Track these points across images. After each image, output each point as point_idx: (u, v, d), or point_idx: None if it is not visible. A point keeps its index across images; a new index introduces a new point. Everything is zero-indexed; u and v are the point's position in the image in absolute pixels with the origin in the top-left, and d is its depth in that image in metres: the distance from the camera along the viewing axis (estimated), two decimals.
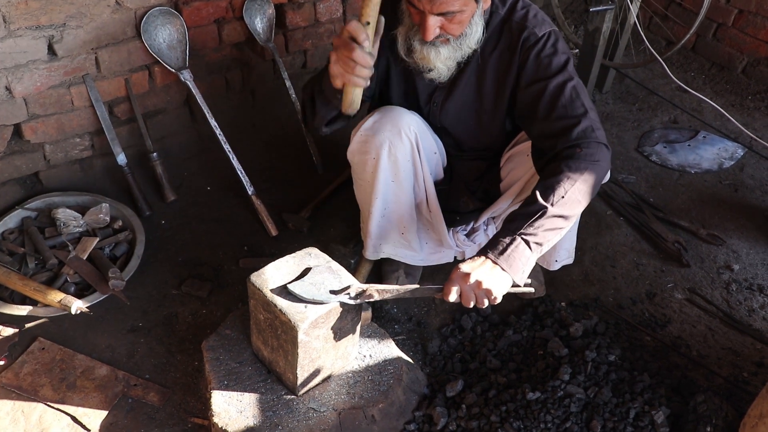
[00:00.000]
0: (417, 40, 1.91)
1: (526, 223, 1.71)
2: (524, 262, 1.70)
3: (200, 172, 3.02)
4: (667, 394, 2.04)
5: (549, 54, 1.93)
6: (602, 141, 1.84)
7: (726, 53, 3.81)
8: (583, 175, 1.76)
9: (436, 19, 1.81)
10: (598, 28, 3.32)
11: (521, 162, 2.13)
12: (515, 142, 2.21)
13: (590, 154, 1.80)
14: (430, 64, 1.94)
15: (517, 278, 1.70)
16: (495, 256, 1.69)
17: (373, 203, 2.15)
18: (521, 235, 1.70)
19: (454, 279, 1.69)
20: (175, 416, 2.06)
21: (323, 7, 3.11)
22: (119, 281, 2.32)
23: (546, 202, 1.71)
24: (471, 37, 1.91)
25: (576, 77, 1.93)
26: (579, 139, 1.82)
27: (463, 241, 2.35)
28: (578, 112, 1.86)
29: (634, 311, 2.44)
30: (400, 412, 1.99)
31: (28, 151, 2.63)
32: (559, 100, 1.88)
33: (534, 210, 1.72)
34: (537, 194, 1.74)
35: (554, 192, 1.73)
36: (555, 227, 1.74)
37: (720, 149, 3.29)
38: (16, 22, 2.32)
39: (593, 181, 1.79)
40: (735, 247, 2.73)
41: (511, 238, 1.70)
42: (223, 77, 3.02)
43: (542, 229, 1.71)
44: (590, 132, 1.83)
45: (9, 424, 2.00)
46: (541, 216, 1.71)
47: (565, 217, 1.74)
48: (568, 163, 1.77)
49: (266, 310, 1.81)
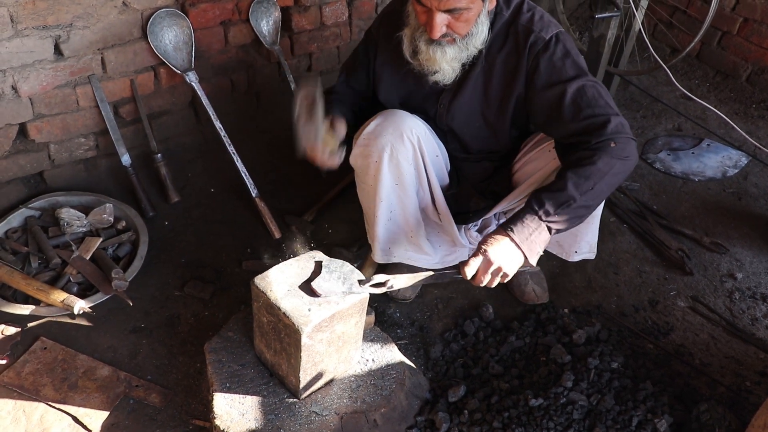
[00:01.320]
0: (423, 40, 1.92)
1: (553, 210, 1.77)
2: (542, 245, 1.81)
3: (204, 174, 3.02)
4: (670, 403, 2.04)
5: (561, 57, 1.93)
6: (632, 137, 1.89)
7: (731, 61, 3.81)
8: (613, 169, 1.81)
9: (443, 17, 1.82)
10: (603, 34, 3.32)
11: (542, 157, 2.12)
12: (534, 141, 2.19)
13: (622, 149, 1.84)
14: (436, 65, 1.95)
15: (532, 260, 1.80)
16: (519, 239, 1.77)
17: (377, 207, 2.15)
18: (547, 221, 1.78)
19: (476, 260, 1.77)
20: (177, 418, 2.06)
21: (329, 10, 3.11)
22: (122, 282, 2.32)
23: (576, 193, 1.77)
24: (477, 37, 1.92)
25: (591, 76, 1.95)
26: (612, 134, 1.85)
27: (476, 237, 2.35)
28: (606, 111, 1.89)
29: (636, 319, 2.44)
30: (402, 416, 1.99)
31: (32, 150, 2.63)
32: (584, 100, 1.90)
33: (564, 198, 1.77)
34: (569, 182, 1.78)
35: (585, 182, 1.78)
36: (577, 216, 1.82)
37: (724, 157, 3.29)
38: (23, 21, 2.33)
39: (621, 176, 1.86)
40: (738, 255, 2.73)
41: (538, 223, 1.78)
42: (229, 79, 3.03)
43: (566, 217, 1.79)
44: (621, 128, 1.87)
45: (10, 424, 2.00)
46: (569, 206, 1.78)
47: (588, 207, 1.82)
48: (601, 156, 1.81)
49: (270, 313, 1.81)
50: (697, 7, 3.87)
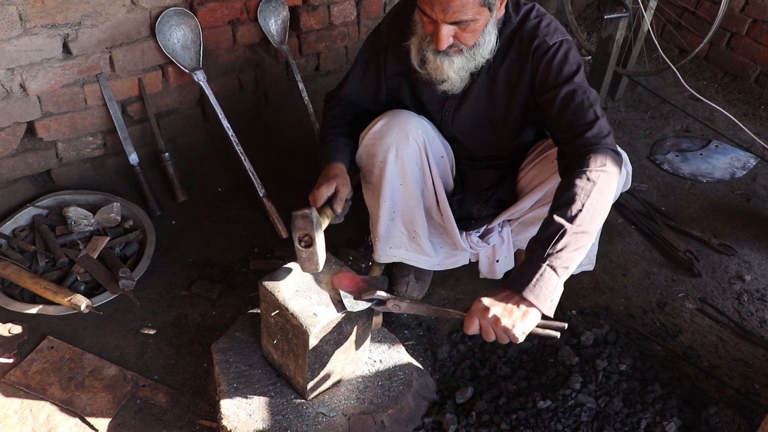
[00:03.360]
0: (430, 50, 1.89)
1: (548, 247, 1.63)
2: (551, 290, 1.62)
3: (212, 173, 3.02)
4: (679, 405, 2.03)
5: (559, 62, 1.91)
6: (611, 147, 1.81)
7: (739, 62, 3.79)
8: (596, 185, 1.70)
9: (449, 29, 1.80)
10: (612, 35, 3.31)
11: (546, 167, 2.10)
12: (539, 149, 2.18)
13: (600, 160, 1.75)
14: (444, 75, 1.93)
15: (545, 309, 1.62)
16: (520, 289, 1.61)
17: (381, 206, 2.15)
18: (546, 261, 1.62)
19: (473, 314, 1.63)
20: (184, 418, 2.05)
21: (337, 10, 3.11)
22: (129, 281, 2.32)
23: (564, 220, 1.65)
24: (484, 47, 1.89)
25: (586, 85, 1.91)
26: (588, 145, 1.79)
27: (477, 242, 2.33)
28: (588, 120, 1.84)
29: (644, 320, 2.43)
30: (410, 418, 1.98)
31: (40, 148, 2.63)
32: (569, 107, 1.87)
33: (554, 231, 1.65)
34: (554, 215, 1.67)
35: (570, 208, 1.67)
36: (579, 246, 1.66)
37: (732, 159, 3.27)
38: (32, 20, 2.33)
39: (608, 190, 1.73)
40: (747, 257, 2.72)
41: (536, 266, 1.62)
42: (236, 78, 3.02)
43: (567, 251, 1.63)
44: (599, 139, 1.81)
45: (17, 423, 2.00)
46: (562, 236, 1.63)
47: (587, 232, 1.67)
48: (579, 175, 1.72)
49: (278, 313, 1.81)
50: (705, 8, 3.85)
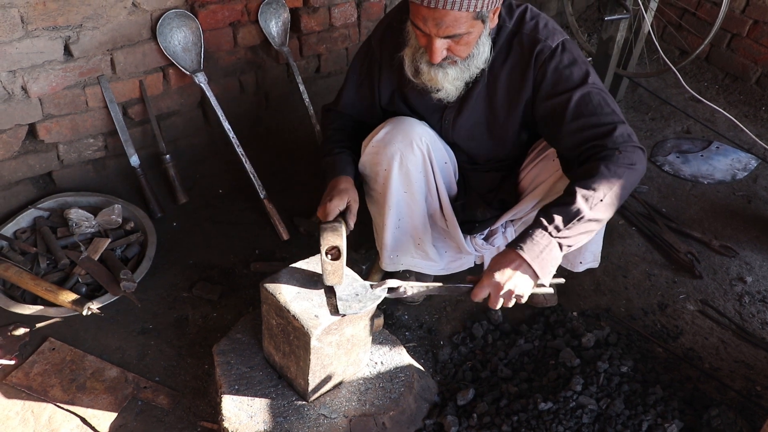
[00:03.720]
0: (424, 61, 1.89)
1: (563, 225, 1.72)
2: (554, 263, 1.74)
3: (212, 175, 3.02)
4: (680, 407, 2.03)
5: (568, 65, 1.90)
6: (639, 145, 1.85)
7: (740, 64, 3.79)
8: (621, 179, 1.77)
9: (442, 42, 1.79)
10: (612, 36, 3.31)
11: (546, 166, 2.10)
12: (539, 148, 2.17)
13: (629, 158, 1.80)
14: (438, 85, 1.93)
15: (545, 279, 1.74)
16: (530, 257, 1.71)
17: (386, 215, 2.15)
18: (557, 237, 1.72)
19: (485, 286, 1.73)
20: (185, 420, 2.05)
21: (338, 11, 3.11)
22: (131, 283, 2.32)
23: (585, 206, 1.72)
24: (478, 58, 1.89)
25: (599, 83, 1.92)
26: (618, 143, 1.81)
27: (482, 245, 2.33)
28: (612, 119, 1.86)
29: (645, 322, 2.43)
30: (411, 420, 1.98)
31: (41, 150, 2.64)
32: (589, 108, 1.87)
33: (573, 212, 1.72)
34: (577, 195, 1.73)
35: (594, 195, 1.74)
36: (588, 230, 1.77)
37: (733, 160, 3.27)
38: (33, 22, 2.33)
39: (630, 186, 1.81)
40: (748, 259, 2.72)
41: (548, 240, 1.72)
42: (237, 80, 3.03)
43: (577, 233, 1.74)
44: (627, 136, 1.84)
45: (19, 424, 2.00)
46: (579, 220, 1.72)
47: (599, 220, 1.77)
48: (608, 165, 1.77)
49: (279, 315, 1.81)
50: (706, 10, 3.85)
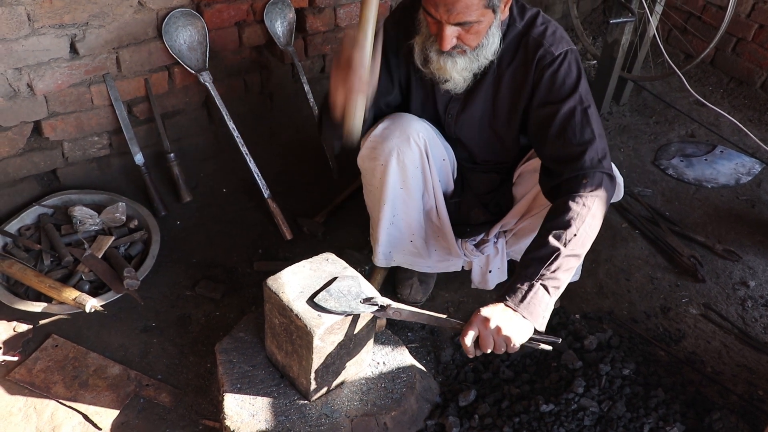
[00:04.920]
0: (434, 50, 1.89)
1: (542, 267, 1.72)
2: (544, 307, 1.72)
3: (216, 174, 3.03)
4: (682, 410, 2.03)
5: (563, 75, 1.90)
6: (607, 171, 1.85)
7: (745, 68, 3.78)
8: (591, 210, 1.78)
9: (453, 29, 1.80)
10: (617, 40, 3.31)
11: (528, 179, 2.13)
12: (525, 159, 2.19)
13: (595, 185, 1.81)
14: (447, 75, 1.93)
15: (537, 325, 1.71)
16: (515, 304, 1.69)
17: (381, 210, 2.15)
18: (539, 280, 1.71)
19: (474, 323, 1.70)
20: (187, 418, 2.06)
21: (343, 12, 3.11)
22: (134, 281, 2.33)
23: (559, 244, 1.73)
24: (488, 48, 1.89)
25: (588, 101, 1.91)
26: (584, 169, 1.82)
27: (472, 251, 2.32)
28: (586, 139, 1.86)
29: (648, 325, 2.42)
30: (413, 420, 1.98)
31: (46, 148, 2.64)
32: (569, 125, 1.87)
33: (548, 253, 1.73)
34: (549, 237, 1.75)
35: (565, 232, 1.74)
36: (569, 267, 1.75)
37: (737, 164, 3.27)
38: (40, 20, 2.34)
39: (600, 215, 1.82)
40: (751, 263, 2.71)
41: (529, 284, 1.71)
42: (242, 80, 3.03)
43: (559, 272, 1.73)
44: (596, 162, 1.84)
45: (21, 420, 2.01)
46: (555, 258, 1.72)
47: (577, 255, 1.77)
48: (574, 198, 1.79)
49: (282, 314, 1.81)
50: (711, 13, 3.85)
